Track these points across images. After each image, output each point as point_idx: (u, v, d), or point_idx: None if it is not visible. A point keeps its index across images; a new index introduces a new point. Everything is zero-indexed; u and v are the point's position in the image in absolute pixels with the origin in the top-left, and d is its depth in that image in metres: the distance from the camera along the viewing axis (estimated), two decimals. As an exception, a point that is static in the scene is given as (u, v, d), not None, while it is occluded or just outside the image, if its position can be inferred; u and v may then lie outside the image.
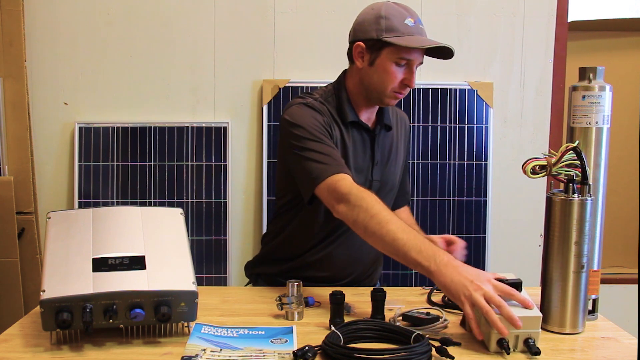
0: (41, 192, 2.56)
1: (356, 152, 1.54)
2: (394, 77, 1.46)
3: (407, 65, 1.46)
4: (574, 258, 1.20)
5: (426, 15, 2.54)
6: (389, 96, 1.50)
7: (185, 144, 2.54)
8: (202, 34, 2.55)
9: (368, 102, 1.55)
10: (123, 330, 1.17)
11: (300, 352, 1.05)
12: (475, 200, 2.58)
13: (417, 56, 1.47)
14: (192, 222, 2.52)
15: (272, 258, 1.66)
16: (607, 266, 2.81)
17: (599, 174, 1.29)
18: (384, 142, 1.60)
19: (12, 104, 2.46)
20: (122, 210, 1.32)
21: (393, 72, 1.46)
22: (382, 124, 1.59)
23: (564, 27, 2.61)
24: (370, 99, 1.54)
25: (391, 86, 1.48)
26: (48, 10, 2.51)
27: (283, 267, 1.62)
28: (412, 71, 1.47)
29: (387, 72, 1.47)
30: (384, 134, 1.61)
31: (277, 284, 1.59)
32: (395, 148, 1.64)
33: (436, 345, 1.07)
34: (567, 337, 1.21)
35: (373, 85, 1.50)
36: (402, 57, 1.44)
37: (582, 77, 1.31)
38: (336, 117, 1.53)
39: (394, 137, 1.64)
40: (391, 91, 1.49)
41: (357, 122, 1.55)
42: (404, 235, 1.23)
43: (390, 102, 1.52)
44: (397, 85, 1.48)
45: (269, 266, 1.66)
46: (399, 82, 1.47)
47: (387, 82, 1.48)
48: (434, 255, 1.19)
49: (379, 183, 1.57)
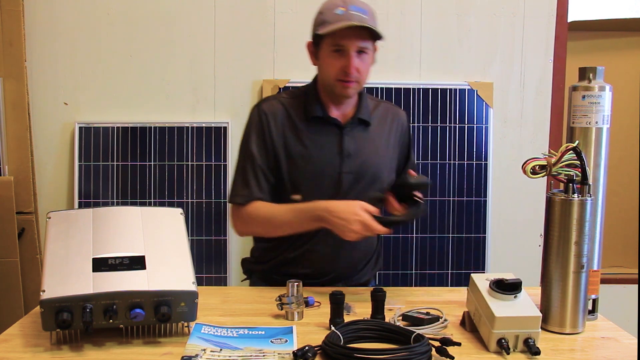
0: (41, 192, 2.56)
1: (320, 146, 1.58)
2: (333, 65, 1.52)
3: (343, 51, 1.50)
4: (574, 258, 1.20)
5: (426, 15, 2.55)
6: (337, 86, 1.54)
7: (185, 144, 2.54)
8: (202, 34, 2.55)
9: (332, 98, 1.60)
10: (123, 330, 1.17)
11: (300, 352, 1.05)
12: (475, 200, 2.58)
13: (350, 41, 1.49)
14: (192, 222, 2.52)
15: (258, 255, 1.71)
16: (607, 266, 2.81)
17: (599, 174, 1.29)
18: (358, 136, 1.61)
19: (12, 104, 2.46)
20: (122, 210, 1.32)
21: (331, 61, 1.52)
22: (356, 118, 1.61)
23: (564, 27, 2.61)
24: (329, 93, 1.59)
25: (333, 75, 1.52)
26: (48, 10, 2.51)
27: (267, 265, 1.66)
28: (349, 56, 1.50)
29: (327, 62, 1.53)
30: (360, 129, 1.62)
31: (271, 280, 1.63)
32: (376, 142, 1.63)
33: (436, 345, 1.07)
34: (567, 337, 1.21)
35: (323, 78, 1.58)
36: (335, 44, 1.50)
37: (582, 77, 1.31)
38: (299, 115, 1.59)
39: (375, 132, 1.64)
40: (335, 80, 1.53)
41: (322, 117, 1.59)
42: (286, 212, 1.53)
43: (342, 91, 1.55)
44: (338, 73, 1.51)
45: (257, 264, 1.71)
46: (339, 69, 1.51)
47: (329, 72, 1.53)
48: (311, 208, 1.48)
49: (352, 175, 1.58)
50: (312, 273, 1.60)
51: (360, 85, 1.56)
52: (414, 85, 2.55)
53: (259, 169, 1.57)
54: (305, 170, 1.57)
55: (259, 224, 1.58)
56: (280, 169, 1.58)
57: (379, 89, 2.54)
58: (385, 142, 1.66)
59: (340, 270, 1.62)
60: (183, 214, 1.35)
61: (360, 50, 1.51)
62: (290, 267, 1.62)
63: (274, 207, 1.55)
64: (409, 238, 2.56)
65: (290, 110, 1.60)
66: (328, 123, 1.59)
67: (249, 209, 1.56)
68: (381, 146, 1.64)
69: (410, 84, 2.55)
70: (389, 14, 2.54)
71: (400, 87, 2.55)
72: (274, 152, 1.58)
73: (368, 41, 1.52)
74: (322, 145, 1.58)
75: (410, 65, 2.59)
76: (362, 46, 1.51)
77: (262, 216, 1.56)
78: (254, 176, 1.57)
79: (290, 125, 1.59)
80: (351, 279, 1.65)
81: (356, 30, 1.48)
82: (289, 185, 1.58)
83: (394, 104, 1.71)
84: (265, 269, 1.67)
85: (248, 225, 1.60)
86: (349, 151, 1.58)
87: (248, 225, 1.60)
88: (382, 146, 1.64)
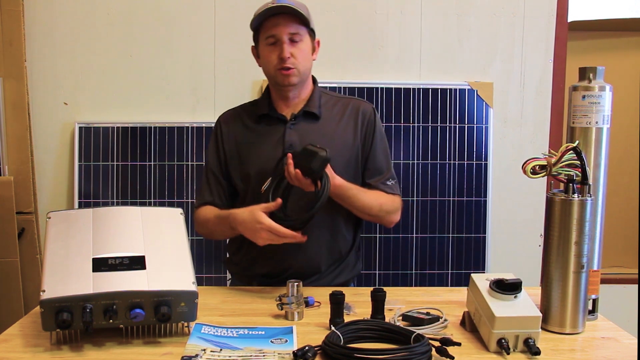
0: (41, 192, 2.55)
1: (264, 140, 1.66)
2: (270, 57, 1.60)
3: (277, 41, 1.58)
4: (574, 258, 1.20)
5: (426, 15, 2.55)
6: (277, 75, 1.60)
7: (185, 144, 2.54)
8: (202, 34, 2.55)
9: (279, 92, 1.66)
10: (123, 330, 1.17)
11: (300, 352, 1.05)
12: (475, 200, 2.58)
13: (280, 29, 1.57)
14: (192, 222, 2.52)
15: (231, 255, 1.79)
16: (607, 266, 2.81)
17: (599, 174, 1.29)
18: (304, 128, 1.65)
19: (12, 104, 2.46)
20: (122, 210, 1.32)
21: (268, 53, 1.60)
22: (301, 112, 1.66)
23: (564, 27, 2.61)
24: (275, 87, 1.66)
25: (272, 66, 1.60)
26: (48, 10, 2.51)
27: (238, 266, 1.73)
28: (281, 42, 1.57)
29: (264, 55, 1.62)
30: (307, 122, 1.66)
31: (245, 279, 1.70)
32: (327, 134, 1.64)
33: (436, 345, 1.07)
34: (567, 337, 1.21)
35: (267, 73, 1.65)
36: (268, 35, 1.59)
37: (582, 77, 1.31)
38: (250, 117, 1.70)
39: (327, 125, 1.66)
40: (275, 70, 1.60)
41: (269, 114, 1.67)
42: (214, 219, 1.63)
43: (284, 80, 1.60)
44: (276, 62, 1.58)
45: (231, 265, 1.78)
46: (276, 59, 1.58)
47: (268, 64, 1.61)
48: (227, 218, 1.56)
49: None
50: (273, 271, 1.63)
51: (301, 73, 1.61)
52: (414, 85, 2.55)
53: (211, 173, 1.70)
54: (251, 163, 1.65)
55: (202, 227, 1.70)
56: (235, 168, 1.68)
57: (379, 89, 2.54)
58: (341, 133, 1.66)
59: (297, 267, 1.62)
60: (183, 214, 1.35)
61: (292, 39, 1.58)
62: (252, 269, 1.67)
63: (210, 214, 1.66)
64: (409, 238, 2.56)
65: (243, 114, 1.72)
66: (275, 119, 1.67)
67: (199, 212, 1.70)
68: (335, 137, 1.64)
69: (410, 84, 2.55)
70: (389, 14, 2.54)
71: (400, 87, 2.55)
72: (226, 156, 1.69)
73: (298, 27, 1.58)
74: (266, 139, 1.66)
75: (410, 65, 2.59)
76: (292, 32, 1.57)
77: (202, 221, 1.68)
78: (207, 181, 1.71)
79: (242, 127, 1.69)
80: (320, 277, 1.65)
81: (284, 19, 1.57)
82: (241, 181, 1.67)
83: (362, 99, 1.76)
84: (238, 270, 1.75)
85: (198, 226, 1.72)
86: (290, 142, 1.62)
87: (198, 227, 1.72)
88: (335, 137, 1.64)
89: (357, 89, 2.52)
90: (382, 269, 2.55)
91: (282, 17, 1.57)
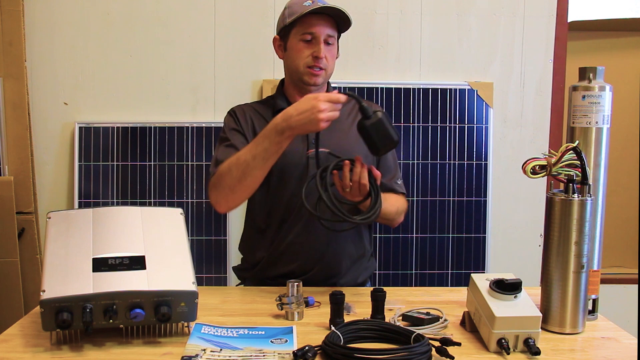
0: (41, 192, 2.55)
1: None
2: (303, 52, 1.58)
3: (313, 39, 1.57)
4: (574, 258, 1.20)
5: (426, 15, 2.55)
6: (305, 73, 1.59)
7: (185, 144, 2.54)
8: (202, 34, 2.55)
9: (299, 89, 1.64)
10: (123, 330, 1.17)
11: (300, 352, 1.05)
12: (475, 200, 2.58)
13: (319, 28, 1.56)
14: (192, 222, 2.52)
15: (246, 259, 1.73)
16: (607, 266, 2.81)
17: (599, 174, 1.29)
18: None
19: (12, 104, 2.46)
20: (122, 210, 1.32)
21: (301, 48, 1.58)
22: None
23: (564, 27, 2.61)
24: (297, 84, 1.64)
25: (303, 62, 1.58)
26: (48, 10, 2.51)
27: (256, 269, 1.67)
28: (319, 42, 1.56)
29: (296, 50, 1.59)
30: None
31: (262, 283, 1.65)
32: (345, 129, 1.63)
33: (436, 345, 1.07)
34: (567, 337, 1.21)
35: (291, 68, 1.62)
36: (305, 32, 1.56)
37: (582, 77, 1.31)
38: (267, 112, 1.65)
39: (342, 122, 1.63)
40: (304, 67, 1.58)
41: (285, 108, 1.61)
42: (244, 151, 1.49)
43: (310, 79, 1.60)
44: (308, 59, 1.57)
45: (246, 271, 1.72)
46: (308, 56, 1.57)
47: (298, 59, 1.59)
48: (268, 130, 1.45)
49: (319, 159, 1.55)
50: (297, 270, 1.61)
51: (327, 75, 1.62)
52: (414, 85, 2.55)
53: (232, 146, 1.59)
54: None
55: (228, 176, 1.50)
56: None
57: (379, 89, 2.54)
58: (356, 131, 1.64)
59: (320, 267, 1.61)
60: (183, 214, 1.35)
61: (327, 41, 1.58)
62: (280, 264, 1.62)
63: (237, 154, 1.52)
64: (409, 238, 2.56)
65: (259, 107, 1.70)
66: None
67: (218, 171, 1.53)
68: (350, 135, 1.62)
69: (410, 84, 2.55)
70: (389, 14, 2.54)
71: (400, 87, 2.55)
72: (247, 140, 1.60)
73: (335, 32, 1.60)
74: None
75: (410, 65, 2.59)
76: (329, 34, 1.58)
77: (227, 165, 1.51)
78: (224, 152, 1.57)
79: (259, 118, 1.65)
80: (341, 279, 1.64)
81: (325, 20, 1.56)
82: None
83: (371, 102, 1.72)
84: (254, 274, 1.68)
85: (219, 187, 1.52)
86: (312, 138, 1.60)
87: (219, 187, 1.52)
88: (351, 135, 1.62)
89: (357, 89, 2.52)
90: (382, 269, 2.55)
91: (323, 17, 1.56)
